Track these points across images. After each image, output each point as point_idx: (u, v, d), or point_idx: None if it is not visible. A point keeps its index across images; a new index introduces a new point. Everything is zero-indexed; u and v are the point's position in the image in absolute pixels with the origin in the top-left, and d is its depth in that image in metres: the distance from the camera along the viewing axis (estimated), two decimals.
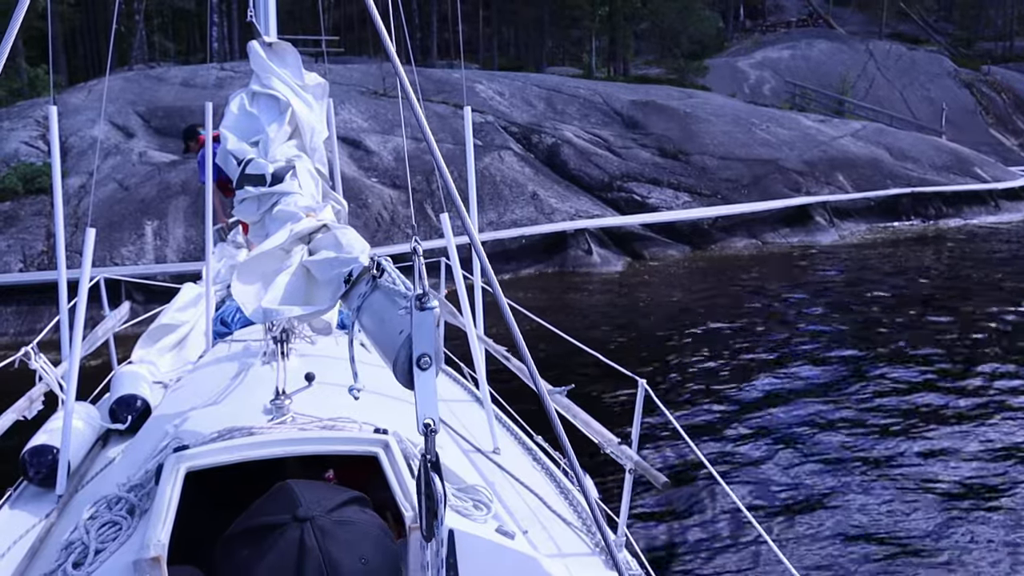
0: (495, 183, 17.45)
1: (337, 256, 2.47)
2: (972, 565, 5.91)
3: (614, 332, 12.16)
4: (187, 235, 13.90)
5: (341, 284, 2.38)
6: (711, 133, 22.01)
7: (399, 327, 1.90)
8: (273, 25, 3.96)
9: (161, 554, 1.98)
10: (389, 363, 1.92)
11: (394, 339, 1.90)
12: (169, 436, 2.74)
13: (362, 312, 2.23)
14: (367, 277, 2.29)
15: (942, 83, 35.17)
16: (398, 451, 2.45)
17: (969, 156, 25.39)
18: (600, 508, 2.52)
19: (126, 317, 5.58)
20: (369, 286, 2.24)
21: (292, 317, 2.67)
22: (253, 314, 2.59)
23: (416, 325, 1.82)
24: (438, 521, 1.85)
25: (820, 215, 20.23)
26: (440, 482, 1.83)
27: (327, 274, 2.48)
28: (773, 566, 5.77)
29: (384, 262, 2.26)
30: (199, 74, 20.87)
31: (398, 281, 2.12)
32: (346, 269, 2.39)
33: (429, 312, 1.82)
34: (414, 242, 2.01)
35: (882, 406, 8.95)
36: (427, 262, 1.97)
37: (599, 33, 33.93)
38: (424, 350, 1.82)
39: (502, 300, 2.21)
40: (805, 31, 41.77)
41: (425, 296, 1.82)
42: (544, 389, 2.20)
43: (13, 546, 2.86)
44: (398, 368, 1.88)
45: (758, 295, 14.48)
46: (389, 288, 2.13)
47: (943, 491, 7.00)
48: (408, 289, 1.99)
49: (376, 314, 2.13)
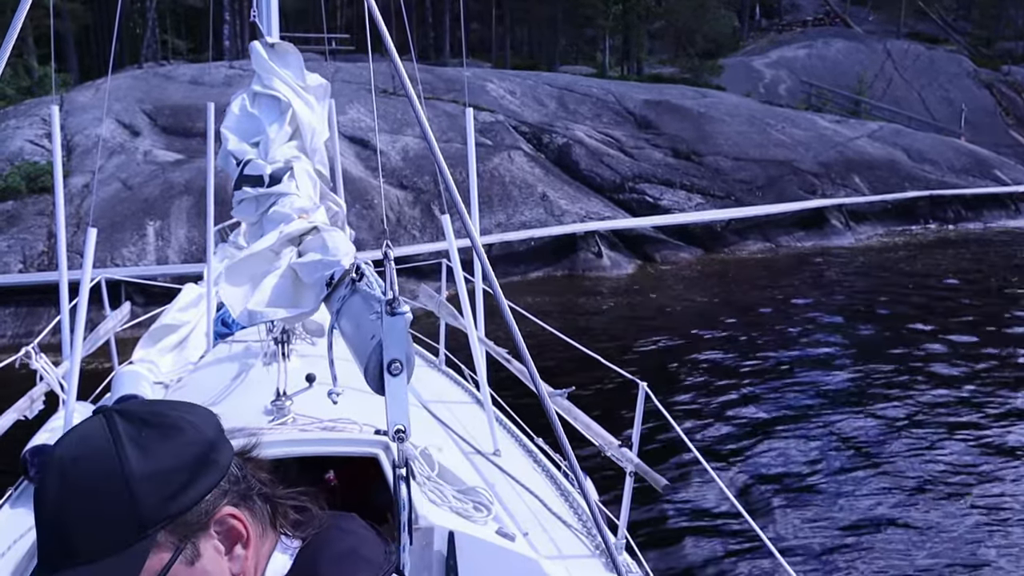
0: (504, 184, 17.21)
1: (322, 259, 2.48)
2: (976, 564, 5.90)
3: (621, 336, 11.93)
4: (189, 236, 13.72)
5: (324, 287, 2.39)
6: (725, 133, 21.68)
7: (371, 332, 1.88)
8: (275, 25, 3.94)
9: None
10: (361, 368, 1.91)
11: (366, 344, 1.89)
12: None
13: (341, 315, 2.22)
14: (347, 280, 2.28)
15: (961, 83, 34.61)
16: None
17: (989, 158, 24.94)
18: (600, 510, 2.51)
19: (127, 318, 5.62)
20: (348, 289, 2.23)
21: (277, 319, 2.67)
22: (239, 316, 2.59)
23: (386, 330, 1.80)
24: (400, 527, 1.82)
25: (836, 218, 19.87)
26: (407, 490, 1.82)
27: (311, 276, 2.49)
28: (772, 568, 5.80)
29: (364, 266, 2.24)
30: (208, 72, 20.72)
31: (375, 285, 2.10)
32: (328, 272, 2.40)
33: (400, 317, 1.80)
34: (385, 247, 1.99)
35: (892, 413, 8.79)
36: (428, 264, 1.92)
37: (612, 32, 33.65)
38: (394, 355, 1.80)
39: (503, 302, 2.21)
40: (822, 30, 41.30)
41: (395, 301, 1.81)
42: (545, 391, 2.22)
43: (13, 545, 2.86)
44: (369, 373, 1.86)
45: (770, 300, 14.18)
46: (366, 292, 2.12)
47: (949, 494, 6.91)
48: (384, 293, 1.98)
49: (353, 318, 2.12)
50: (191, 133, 16.50)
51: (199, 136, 15.45)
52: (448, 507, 2.51)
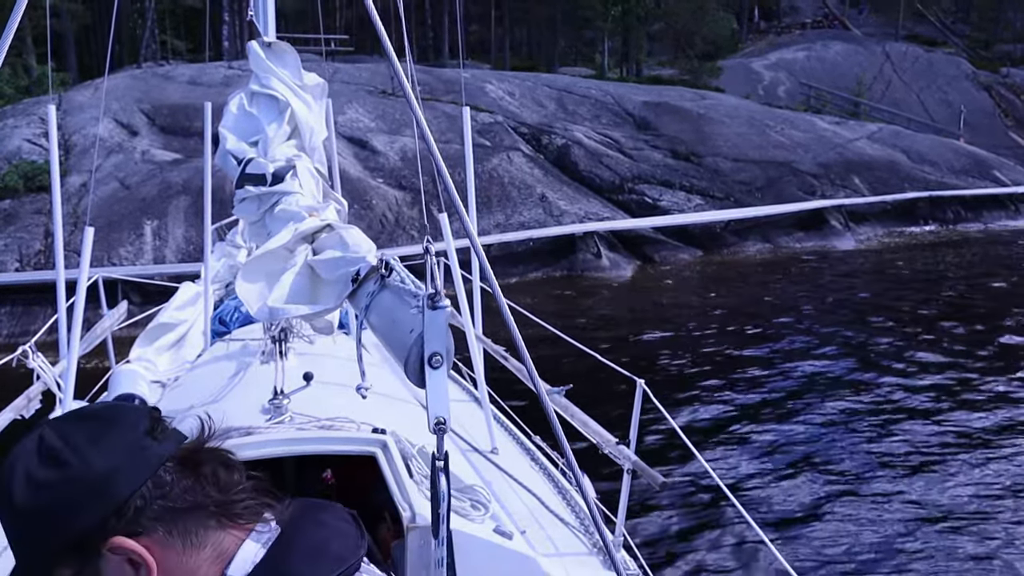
0: (503, 184, 17.17)
1: (344, 255, 2.48)
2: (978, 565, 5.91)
3: (620, 336, 11.89)
4: (187, 235, 13.67)
5: (348, 283, 2.38)
6: (724, 135, 21.65)
7: (410, 326, 1.89)
8: (272, 25, 3.92)
9: None
10: (400, 362, 1.91)
11: (405, 338, 1.89)
12: None
13: (370, 311, 2.21)
14: (375, 276, 2.28)
15: (960, 85, 34.59)
16: (396, 451, 2.48)
17: (988, 159, 24.92)
18: (598, 508, 2.52)
19: (124, 317, 5.64)
20: (377, 285, 2.23)
21: (298, 316, 2.68)
22: (258, 313, 2.59)
23: (428, 324, 1.82)
24: (440, 520, 1.84)
25: (835, 219, 19.83)
26: (446, 482, 1.83)
27: (333, 273, 2.48)
28: (770, 565, 5.80)
29: (392, 261, 2.25)
30: (206, 72, 20.67)
31: (407, 280, 2.11)
32: (353, 268, 2.39)
33: (441, 311, 1.82)
34: (426, 242, 2.02)
35: (892, 413, 8.77)
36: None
37: (612, 34, 33.61)
38: (436, 349, 1.82)
39: (501, 300, 2.22)
40: (820, 32, 41.29)
41: (437, 295, 1.82)
42: (543, 389, 2.21)
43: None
44: (409, 367, 1.86)
45: (769, 300, 14.14)
46: (398, 287, 2.12)
47: (953, 496, 6.87)
48: (418, 288, 1.99)
49: (385, 313, 2.13)
50: (189, 133, 16.45)
51: (197, 136, 15.40)
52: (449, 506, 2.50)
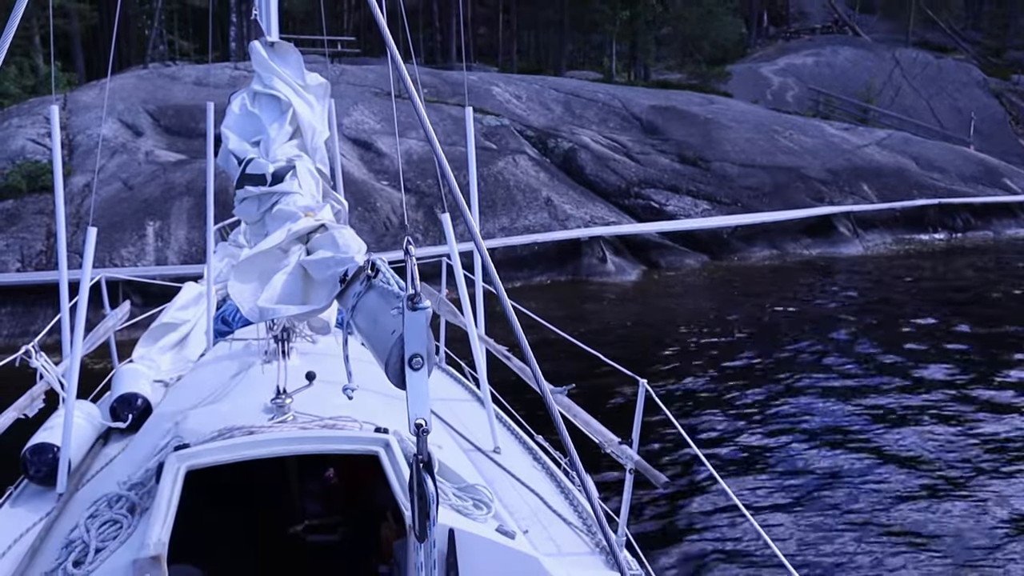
0: (508, 188, 17.06)
1: (333, 256, 2.48)
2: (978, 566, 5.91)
3: (624, 339, 11.83)
4: (189, 237, 13.60)
5: (337, 283, 2.38)
6: (732, 140, 21.50)
7: (391, 327, 1.88)
8: (275, 25, 3.92)
9: (161, 553, 2.01)
10: (382, 363, 1.90)
11: (386, 339, 1.88)
12: (170, 435, 2.78)
13: (356, 312, 2.20)
14: (362, 277, 2.28)
15: (970, 92, 34.39)
16: (399, 450, 2.49)
17: (998, 167, 24.71)
18: (601, 507, 2.53)
19: (126, 317, 5.69)
20: (364, 286, 2.22)
21: (288, 316, 2.67)
22: (249, 312, 2.59)
23: (408, 325, 1.79)
24: (431, 522, 1.82)
25: (843, 225, 19.66)
26: (432, 483, 1.80)
27: (323, 273, 2.49)
28: (772, 565, 5.84)
29: (379, 262, 2.22)
30: (212, 73, 20.64)
31: (392, 281, 2.09)
32: (341, 269, 2.39)
33: (421, 312, 1.79)
34: (406, 243, 2.00)
35: (897, 418, 8.73)
36: (429, 262, 1.85)
37: (620, 37, 33.51)
38: (416, 350, 1.80)
39: (504, 299, 2.20)
40: (830, 38, 41.11)
41: (417, 296, 1.80)
42: (547, 389, 2.22)
43: (14, 544, 2.87)
44: (390, 368, 1.85)
45: (776, 307, 14.01)
46: (383, 288, 2.11)
47: (957, 500, 6.87)
48: (402, 289, 1.96)
49: (370, 314, 2.11)
50: (194, 134, 16.40)
51: (201, 137, 15.31)
52: (448, 505, 2.51)
